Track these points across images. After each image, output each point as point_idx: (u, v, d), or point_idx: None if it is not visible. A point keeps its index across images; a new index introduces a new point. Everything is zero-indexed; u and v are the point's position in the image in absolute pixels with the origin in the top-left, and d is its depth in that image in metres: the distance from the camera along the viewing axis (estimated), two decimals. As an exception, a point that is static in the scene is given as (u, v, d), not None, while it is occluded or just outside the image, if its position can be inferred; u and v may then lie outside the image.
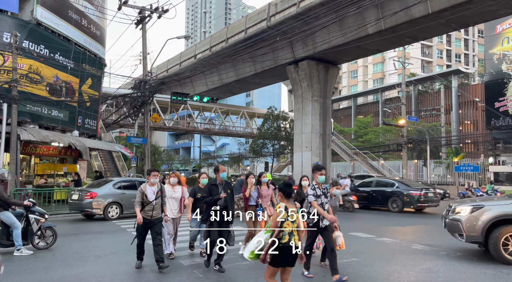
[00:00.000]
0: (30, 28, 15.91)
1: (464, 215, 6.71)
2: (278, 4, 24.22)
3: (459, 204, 7.21)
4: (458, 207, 7.02)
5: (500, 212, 6.41)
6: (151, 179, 6.03)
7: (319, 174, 5.60)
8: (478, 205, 6.78)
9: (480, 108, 37.90)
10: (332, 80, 27.41)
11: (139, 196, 6.01)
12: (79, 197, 12.27)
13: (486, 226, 6.37)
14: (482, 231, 6.39)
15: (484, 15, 19.19)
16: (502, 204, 6.69)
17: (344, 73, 64.18)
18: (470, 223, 6.56)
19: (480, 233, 6.41)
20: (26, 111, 15.77)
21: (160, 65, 38.22)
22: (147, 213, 5.98)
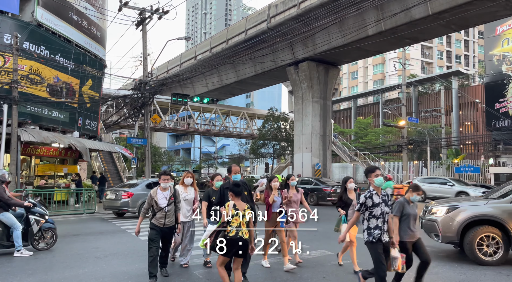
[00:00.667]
0: (30, 29, 15.94)
1: (440, 215, 6.79)
2: (278, 5, 24.27)
3: (435, 205, 7.28)
4: (434, 208, 7.09)
5: (475, 213, 6.50)
6: (162, 183, 5.39)
7: (375, 176, 4.44)
8: (453, 205, 6.85)
9: (481, 110, 37.91)
10: (332, 81, 27.43)
11: (147, 203, 5.36)
12: (116, 196, 12.86)
13: (461, 227, 6.45)
14: (457, 231, 6.46)
15: (484, 16, 19.23)
16: (477, 204, 6.79)
17: (344, 74, 64.22)
18: (446, 224, 6.64)
19: (455, 234, 6.48)
20: (26, 112, 15.79)
21: (161, 66, 38.26)
22: (159, 221, 5.32)
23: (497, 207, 6.50)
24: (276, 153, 36.03)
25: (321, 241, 8.29)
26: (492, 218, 6.41)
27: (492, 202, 6.69)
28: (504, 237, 6.30)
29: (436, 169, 32.00)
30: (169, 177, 5.43)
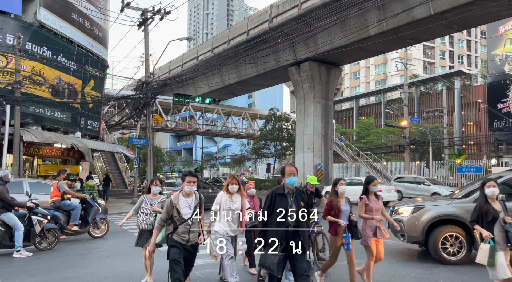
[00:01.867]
0: (33, 30, 16.01)
1: (406, 215, 6.84)
2: (280, 5, 24.27)
3: (402, 205, 7.32)
4: (400, 208, 7.12)
5: (439, 212, 6.56)
6: (186, 186, 4.15)
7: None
8: (419, 205, 6.92)
9: (483, 110, 37.80)
10: (334, 81, 27.41)
11: (166, 212, 4.13)
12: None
13: (426, 226, 6.50)
14: (422, 231, 6.51)
15: (486, 16, 19.17)
16: (441, 204, 6.82)
17: (346, 74, 64.14)
18: (411, 224, 6.68)
19: (420, 233, 6.53)
20: (29, 113, 15.85)
21: (163, 67, 38.33)
22: (182, 236, 4.08)
23: (460, 207, 6.53)
24: (278, 153, 36.01)
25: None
26: (456, 217, 6.45)
27: (456, 202, 6.69)
28: (467, 236, 6.33)
29: (438, 169, 31.92)
30: (195, 179, 4.23)
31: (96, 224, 8.99)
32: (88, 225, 8.69)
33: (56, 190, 8.36)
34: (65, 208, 8.35)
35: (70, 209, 8.36)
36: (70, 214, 8.34)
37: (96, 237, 8.98)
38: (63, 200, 8.39)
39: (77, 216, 8.35)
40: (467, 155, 33.52)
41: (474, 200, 6.28)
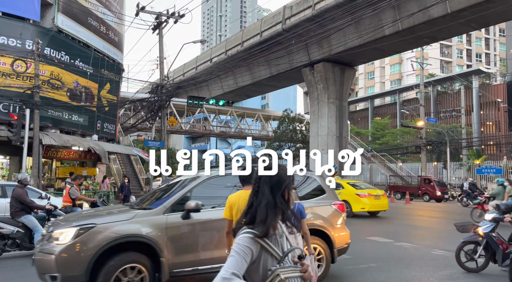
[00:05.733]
0: (51, 35, 16.37)
1: (64, 243, 4.29)
2: (293, 6, 24.21)
3: (60, 224, 4.73)
4: (57, 230, 4.48)
5: (114, 233, 4.36)
6: None
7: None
8: (86, 224, 4.42)
9: (503, 109, 36.87)
10: (348, 82, 27.17)
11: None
12: None
13: (93, 258, 4.21)
14: (87, 266, 4.17)
15: (505, 14, 18.73)
16: (120, 219, 4.64)
17: (360, 74, 63.51)
18: (70, 256, 4.23)
19: (84, 271, 4.17)
20: (47, 117, 16.21)
21: (177, 69, 38.67)
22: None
23: (145, 222, 4.58)
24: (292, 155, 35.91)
25: None
26: (141, 238, 4.44)
27: (141, 214, 4.70)
28: (152, 266, 4.45)
29: (456, 170, 31.28)
30: None
31: None
32: None
33: (68, 195, 8.37)
34: None
35: None
36: None
37: None
38: (74, 206, 8.36)
39: None
40: (486, 155, 32.73)
41: (167, 211, 4.64)
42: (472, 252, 6.09)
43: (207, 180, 5.03)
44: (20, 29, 15.53)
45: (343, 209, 5.84)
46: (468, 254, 6.13)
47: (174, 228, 4.66)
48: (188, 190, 4.91)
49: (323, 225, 5.41)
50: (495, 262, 5.88)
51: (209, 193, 5.14)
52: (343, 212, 5.78)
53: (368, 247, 7.98)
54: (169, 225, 4.62)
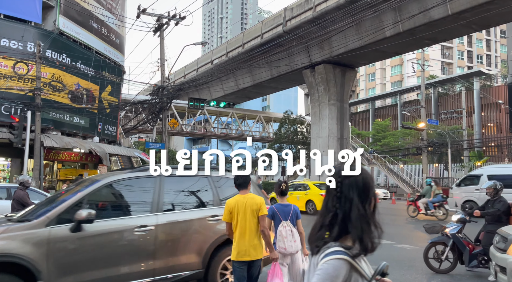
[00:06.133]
0: (52, 37, 16.42)
1: None
2: (294, 8, 24.25)
3: None
4: None
5: None
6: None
7: None
8: None
9: (504, 111, 36.83)
10: (349, 83, 27.18)
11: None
12: None
13: None
14: None
15: (506, 15, 18.74)
16: None
17: (361, 76, 63.51)
18: None
19: None
20: (49, 119, 16.24)
21: (178, 71, 38.73)
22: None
23: (18, 237, 3.75)
24: (293, 156, 35.87)
25: None
26: (8, 258, 3.63)
27: (14, 228, 3.86)
28: None
29: (458, 171, 31.22)
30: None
31: None
32: None
33: None
34: None
35: None
36: None
37: None
38: None
39: None
40: (488, 157, 32.68)
41: (52, 222, 3.84)
42: (440, 253, 6.08)
43: (111, 183, 4.38)
44: (22, 32, 15.58)
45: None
46: (436, 255, 6.14)
47: (60, 243, 3.87)
48: (82, 197, 4.10)
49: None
50: (463, 263, 5.90)
51: (114, 199, 4.59)
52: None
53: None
54: (53, 239, 3.82)
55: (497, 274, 4.75)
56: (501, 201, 5.82)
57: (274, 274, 3.77)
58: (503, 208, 5.73)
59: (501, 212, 5.73)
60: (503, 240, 4.84)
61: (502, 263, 4.60)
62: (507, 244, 4.63)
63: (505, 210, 5.75)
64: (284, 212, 4.05)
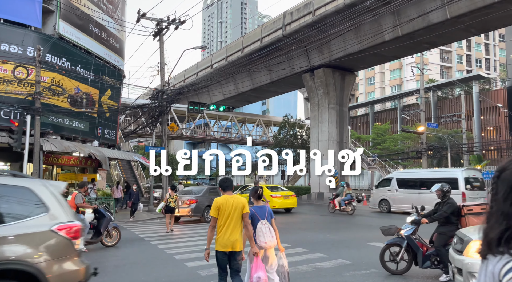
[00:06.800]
0: (52, 42, 16.44)
1: None
2: (293, 13, 24.34)
3: None
4: None
5: None
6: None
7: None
8: None
9: (503, 114, 36.86)
10: (349, 87, 27.23)
11: None
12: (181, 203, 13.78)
13: None
14: None
15: (504, 19, 18.81)
16: None
17: (360, 80, 63.64)
18: None
19: None
20: (48, 123, 16.22)
21: (177, 75, 38.79)
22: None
23: None
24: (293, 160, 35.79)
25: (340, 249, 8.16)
26: None
27: None
28: None
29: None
30: None
31: (109, 233, 9.06)
32: (101, 235, 8.77)
33: (73, 201, 8.52)
34: None
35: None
36: None
37: (108, 245, 8.98)
38: (78, 212, 8.49)
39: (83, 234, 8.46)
40: (488, 160, 32.66)
41: None
42: (395, 255, 6.13)
43: None
44: (22, 36, 15.60)
45: (77, 233, 3.95)
46: (391, 256, 6.17)
47: None
48: None
49: (33, 264, 3.52)
50: (417, 264, 5.96)
51: None
52: (75, 238, 3.96)
53: (369, 252, 7.93)
54: None
55: (455, 276, 4.69)
56: (448, 203, 5.94)
57: (257, 266, 4.25)
58: (450, 210, 5.84)
59: (449, 214, 5.84)
60: (460, 241, 4.82)
61: (458, 265, 4.56)
62: (464, 245, 4.59)
63: (453, 212, 5.87)
64: (261, 213, 4.57)
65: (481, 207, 6.00)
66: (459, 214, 5.92)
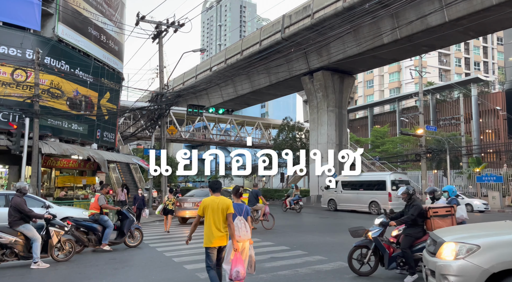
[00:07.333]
0: (51, 45, 16.43)
1: None
2: (292, 15, 24.40)
3: None
4: None
5: None
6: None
7: None
8: None
9: (502, 117, 36.94)
10: (348, 90, 27.26)
11: None
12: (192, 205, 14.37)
13: None
14: None
15: (503, 22, 18.89)
16: None
17: (359, 83, 63.75)
18: None
19: None
20: (47, 125, 16.17)
21: (177, 78, 38.80)
22: None
23: None
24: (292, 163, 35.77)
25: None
26: None
27: None
28: None
29: (456, 178, 31.19)
30: None
31: (131, 234, 9.34)
32: (124, 236, 9.08)
33: (97, 203, 8.80)
34: (102, 223, 8.75)
35: (105, 225, 8.73)
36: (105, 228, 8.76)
37: (131, 246, 9.23)
38: (101, 213, 8.83)
39: (108, 235, 8.72)
40: (486, 163, 32.68)
41: None
42: (363, 256, 6.17)
43: None
44: (21, 39, 15.59)
45: None
46: (359, 258, 6.21)
47: None
48: None
49: None
50: (384, 265, 6.01)
51: None
52: None
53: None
54: None
55: (428, 278, 4.61)
56: (414, 205, 6.05)
57: (236, 260, 4.70)
58: (416, 212, 5.93)
59: (415, 217, 5.92)
60: (433, 243, 4.75)
61: (431, 266, 4.48)
62: (437, 247, 4.52)
63: (419, 214, 5.95)
64: (239, 210, 5.03)
65: (446, 209, 6.09)
66: (425, 216, 6.00)
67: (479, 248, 4.06)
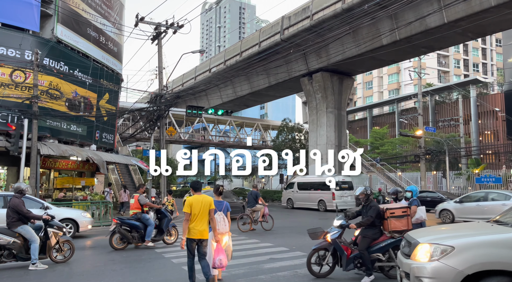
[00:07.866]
0: (50, 46, 16.41)
1: None
2: (291, 17, 24.42)
3: None
4: None
5: None
6: None
7: None
8: None
9: (501, 118, 36.97)
10: (347, 91, 27.27)
11: None
12: None
13: None
14: None
15: (501, 23, 18.91)
16: None
17: (358, 84, 63.82)
18: None
19: None
20: (46, 127, 16.14)
21: (176, 79, 38.79)
22: None
23: None
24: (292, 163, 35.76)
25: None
26: None
27: None
28: None
29: (455, 179, 31.20)
30: None
31: (169, 231, 9.90)
32: (163, 234, 9.66)
33: (137, 203, 9.30)
34: (144, 221, 9.27)
35: (147, 223, 9.28)
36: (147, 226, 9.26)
37: (169, 243, 9.76)
38: (143, 212, 9.33)
39: (150, 233, 9.28)
40: (485, 164, 32.70)
41: None
42: (321, 258, 6.18)
43: None
44: (20, 40, 15.57)
45: None
46: (317, 260, 6.21)
47: None
48: None
49: None
50: (341, 266, 6.06)
51: None
52: None
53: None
54: None
55: (402, 280, 4.53)
56: (371, 206, 6.07)
57: (218, 250, 5.32)
58: (375, 214, 5.97)
59: (373, 218, 5.96)
60: (408, 244, 4.67)
61: (406, 269, 4.38)
62: (411, 249, 4.43)
63: (377, 215, 5.98)
64: (219, 206, 5.78)
65: (402, 210, 6.09)
66: (382, 217, 6.02)
67: (453, 249, 3.99)
